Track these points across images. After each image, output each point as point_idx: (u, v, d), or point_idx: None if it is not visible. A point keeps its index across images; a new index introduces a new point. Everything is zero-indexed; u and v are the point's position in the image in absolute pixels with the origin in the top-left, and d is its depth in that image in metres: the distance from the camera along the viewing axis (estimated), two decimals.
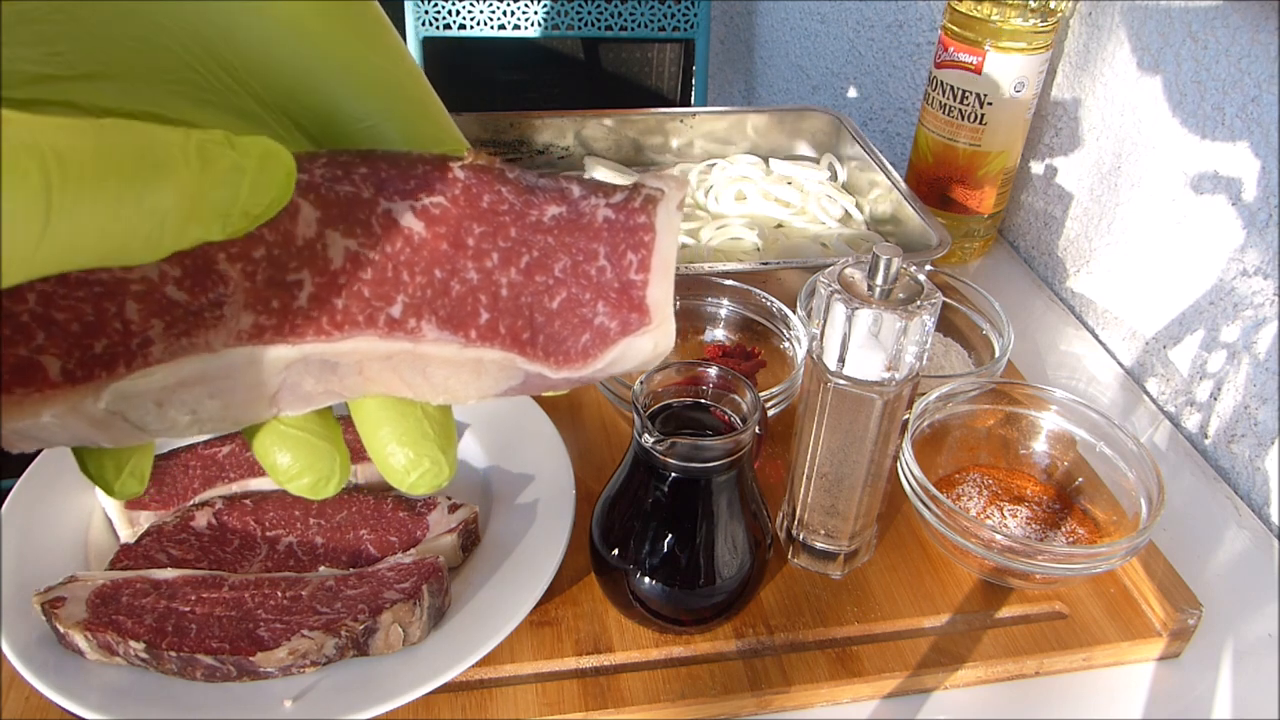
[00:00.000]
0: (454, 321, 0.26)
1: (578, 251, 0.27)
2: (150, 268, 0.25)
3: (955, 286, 0.74)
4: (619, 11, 1.52)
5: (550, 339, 0.27)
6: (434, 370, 0.27)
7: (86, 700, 0.46)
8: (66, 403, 0.25)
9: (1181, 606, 0.56)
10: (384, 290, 0.26)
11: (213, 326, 0.25)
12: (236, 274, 0.25)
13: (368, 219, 0.25)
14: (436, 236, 0.26)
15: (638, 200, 0.27)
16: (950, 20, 0.83)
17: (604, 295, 0.27)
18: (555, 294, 0.27)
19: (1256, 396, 0.69)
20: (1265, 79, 0.67)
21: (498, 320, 0.26)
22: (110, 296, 0.24)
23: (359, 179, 0.25)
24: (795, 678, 0.52)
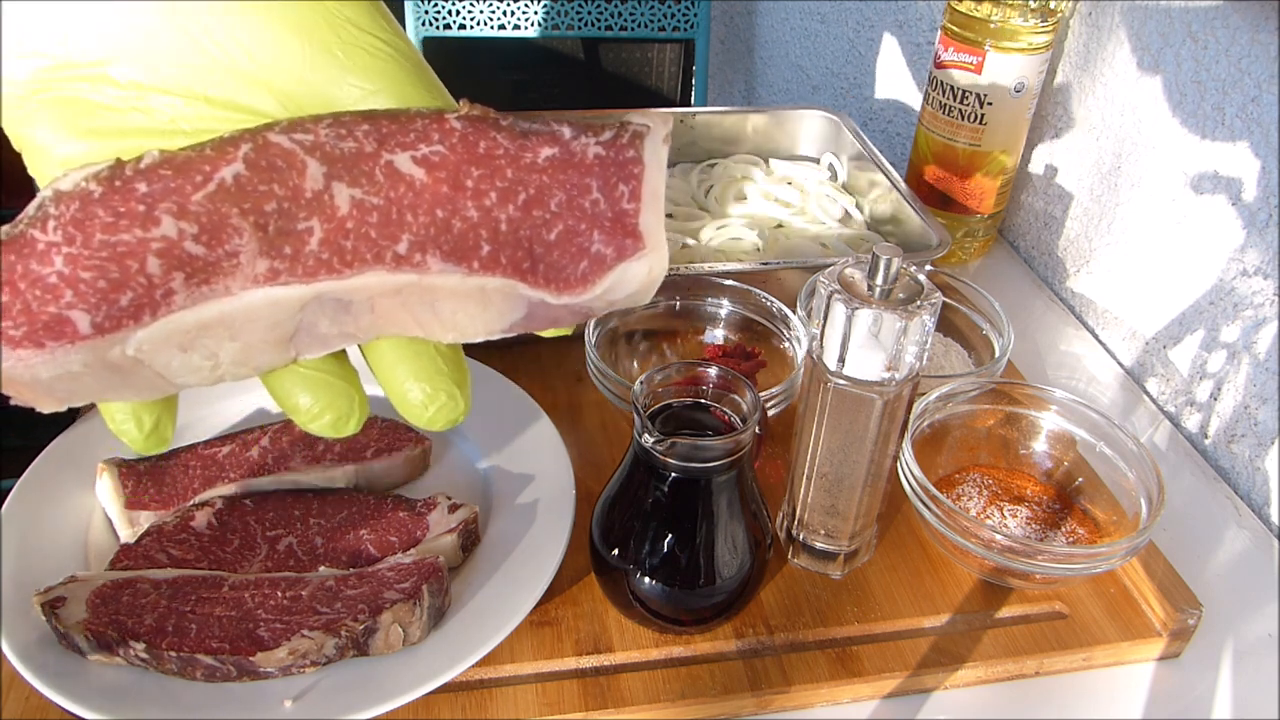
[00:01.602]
0: (457, 254, 0.28)
1: (572, 187, 0.28)
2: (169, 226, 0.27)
3: (955, 286, 0.74)
4: (619, 11, 1.52)
5: (550, 267, 0.28)
6: (442, 304, 0.29)
7: (86, 700, 0.46)
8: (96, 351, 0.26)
9: (1181, 606, 0.56)
10: (389, 231, 0.28)
11: (230, 273, 0.27)
12: (250, 227, 0.27)
13: (371, 170, 0.28)
14: (437, 181, 0.28)
15: (625, 136, 0.29)
16: (950, 20, 0.83)
17: (599, 225, 0.28)
18: (552, 226, 0.28)
19: (1256, 396, 0.69)
20: (1265, 79, 0.67)
21: (498, 251, 0.28)
22: (132, 255, 0.27)
23: (361, 135, 0.27)
24: (795, 678, 0.52)
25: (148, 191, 0.27)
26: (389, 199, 0.28)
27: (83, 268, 0.27)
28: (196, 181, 0.27)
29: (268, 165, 0.27)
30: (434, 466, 0.63)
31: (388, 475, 0.60)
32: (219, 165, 0.27)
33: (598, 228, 0.28)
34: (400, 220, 0.28)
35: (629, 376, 0.65)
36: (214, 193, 0.27)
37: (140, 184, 0.27)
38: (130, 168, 0.27)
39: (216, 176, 0.27)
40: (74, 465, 0.59)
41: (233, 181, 0.27)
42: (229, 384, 0.65)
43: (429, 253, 0.28)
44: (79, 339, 0.26)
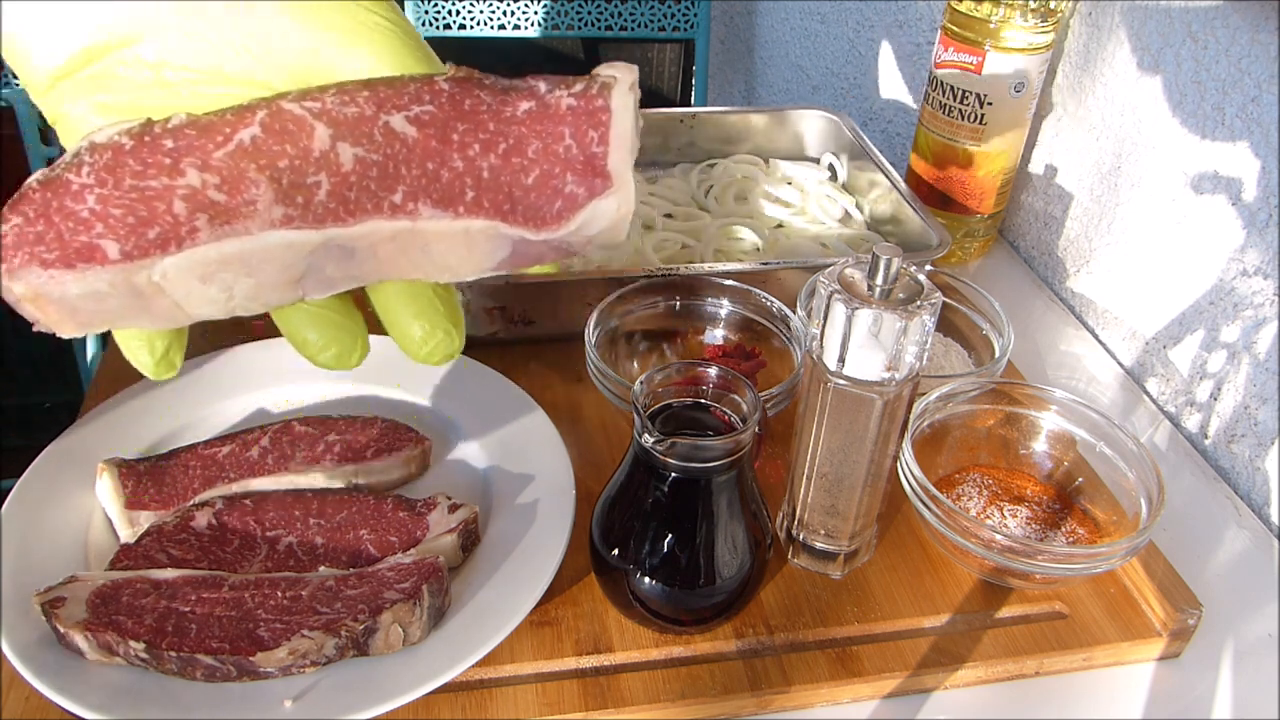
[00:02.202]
0: (445, 201, 0.32)
1: (547, 135, 0.32)
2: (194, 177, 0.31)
3: (955, 286, 0.74)
4: (619, 11, 1.52)
5: (528, 208, 0.32)
6: (433, 247, 0.32)
7: (86, 700, 0.46)
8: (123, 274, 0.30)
9: (1181, 606, 0.56)
10: (387, 183, 0.31)
11: (249, 217, 0.31)
12: (266, 180, 0.31)
13: (371, 130, 0.31)
14: (427, 137, 0.32)
15: (595, 87, 0.33)
16: (950, 20, 0.83)
17: (571, 168, 0.32)
18: (530, 171, 0.32)
19: (1256, 396, 0.69)
20: (1265, 79, 0.67)
21: (481, 196, 0.32)
22: (160, 198, 0.30)
23: (362, 100, 0.31)
24: (795, 678, 0.52)
25: (174, 147, 0.31)
26: (386, 155, 0.32)
27: (113, 206, 0.30)
28: (218, 140, 0.31)
29: (281, 129, 0.31)
30: (434, 466, 0.63)
31: (388, 475, 0.60)
32: (238, 127, 0.31)
33: (570, 170, 0.32)
34: (396, 174, 0.32)
35: (629, 376, 0.65)
36: (234, 151, 0.31)
37: (167, 140, 0.31)
38: (159, 126, 0.31)
39: (236, 137, 0.31)
40: (74, 465, 0.59)
41: (250, 142, 0.31)
42: (230, 385, 0.66)
43: (420, 201, 0.32)
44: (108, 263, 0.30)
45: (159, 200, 0.31)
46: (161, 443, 0.62)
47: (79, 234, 0.30)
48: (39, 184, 0.31)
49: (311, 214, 0.31)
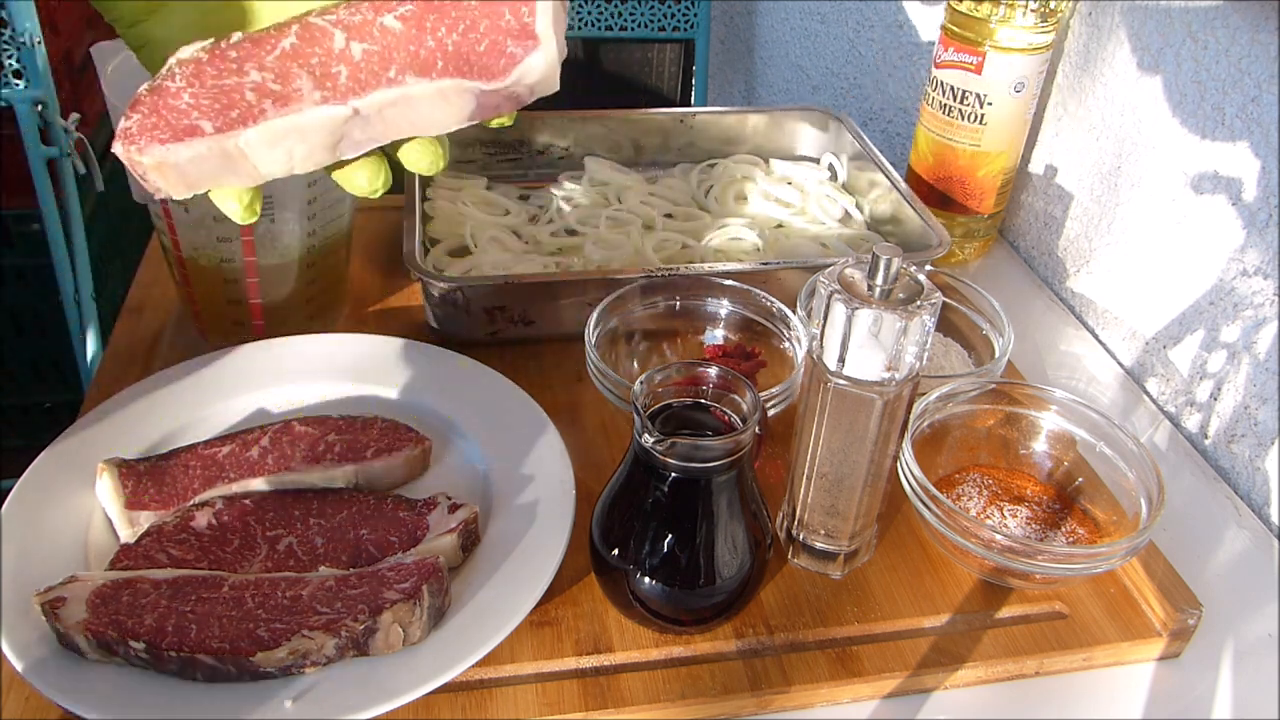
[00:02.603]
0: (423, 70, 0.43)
1: (493, 14, 0.43)
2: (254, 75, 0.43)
3: (955, 286, 0.74)
4: (619, 11, 1.52)
5: (482, 67, 0.43)
6: (420, 106, 0.44)
7: (86, 700, 0.46)
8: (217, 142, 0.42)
9: (1181, 606, 0.56)
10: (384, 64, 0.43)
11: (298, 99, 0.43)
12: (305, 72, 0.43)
13: (370, 30, 0.43)
14: (408, 27, 0.43)
15: None
16: (950, 20, 0.83)
17: (511, 34, 0.43)
18: (482, 41, 0.43)
19: (1256, 396, 0.69)
20: (1265, 79, 0.67)
21: (448, 64, 0.43)
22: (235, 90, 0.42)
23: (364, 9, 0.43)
24: (795, 678, 0.52)
25: (237, 56, 0.43)
26: (383, 45, 0.43)
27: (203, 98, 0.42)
28: (268, 49, 0.43)
29: (310, 36, 0.43)
30: (434, 466, 0.63)
31: (388, 475, 0.60)
32: (280, 39, 0.43)
33: (510, 36, 0.43)
34: (389, 57, 0.43)
35: (629, 376, 0.65)
36: (280, 55, 0.43)
37: (232, 52, 0.43)
38: (224, 43, 0.43)
39: (280, 45, 0.43)
40: (74, 465, 0.59)
41: (290, 48, 0.43)
42: (231, 385, 0.66)
43: (406, 73, 0.43)
44: (205, 135, 0.42)
45: (234, 92, 0.42)
46: (161, 443, 0.62)
47: (182, 119, 0.42)
48: (147, 92, 0.42)
49: (338, 93, 0.43)
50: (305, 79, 0.43)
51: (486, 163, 0.93)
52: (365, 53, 0.43)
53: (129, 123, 0.41)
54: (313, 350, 0.69)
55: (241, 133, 0.42)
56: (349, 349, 0.69)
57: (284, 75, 0.43)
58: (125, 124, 0.42)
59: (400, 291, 0.81)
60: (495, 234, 0.83)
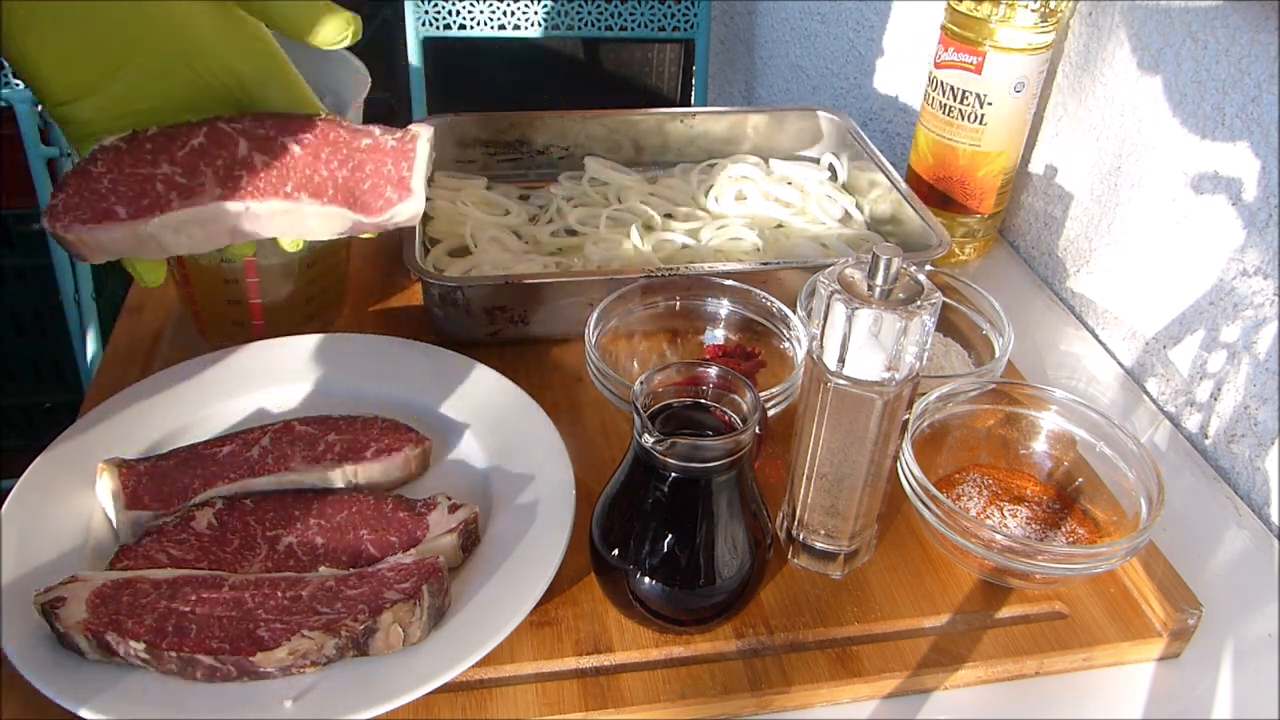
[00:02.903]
0: (316, 194, 0.51)
1: (379, 161, 0.52)
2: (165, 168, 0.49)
3: (955, 286, 0.74)
4: (619, 11, 1.52)
5: (364, 203, 0.51)
6: (306, 219, 0.52)
7: (86, 700, 0.46)
8: (129, 228, 0.48)
9: (1181, 606, 0.56)
10: (283, 178, 0.51)
11: (201, 193, 0.50)
12: (209, 170, 0.50)
13: (273, 145, 0.51)
14: (307, 153, 0.51)
15: (409, 135, 0.53)
16: (950, 20, 0.83)
17: (390, 182, 0.52)
18: (366, 181, 0.52)
19: (1256, 396, 0.69)
20: (1265, 79, 0.67)
21: (337, 193, 0.51)
22: (148, 180, 0.49)
23: (268, 125, 0.51)
24: (795, 678, 0.52)
25: (152, 148, 0.49)
26: (282, 162, 0.51)
27: (120, 185, 0.49)
28: (178, 145, 0.50)
29: (218, 139, 0.50)
30: (434, 466, 0.63)
31: (387, 475, 0.60)
32: (191, 137, 0.50)
33: (390, 184, 0.52)
34: (288, 174, 0.51)
35: (629, 376, 0.65)
36: (189, 151, 0.50)
37: (148, 144, 0.49)
38: (142, 135, 0.49)
39: (190, 143, 0.50)
40: (74, 465, 0.59)
41: (198, 146, 0.50)
42: (230, 385, 0.66)
43: (301, 192, 0.51)
44: (120, 220, 0.48)
45: (147, 181, 0.49)
46: (161, 443, 0.62)
47: (101, 203, 0.48)
48: (72, 173, 0.49)
49: (236, 193, 0.50)
50: (210, 176, 0.50)
51: (486, 163, 0.93)
52: (265, 164, 0.50)
53: (56, 201, 0.48)
54: (313, 350, 0.69)
55: (150, 220, 0.48)
56: (349, 349, 0.69)
57: (191, 171, 0.49)
58: (53, 201, 0.48)
59: (400, 291, 0.81)
60: (495, 234, 0.83)
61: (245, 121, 0.51)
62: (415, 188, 0.51)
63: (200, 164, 0.49)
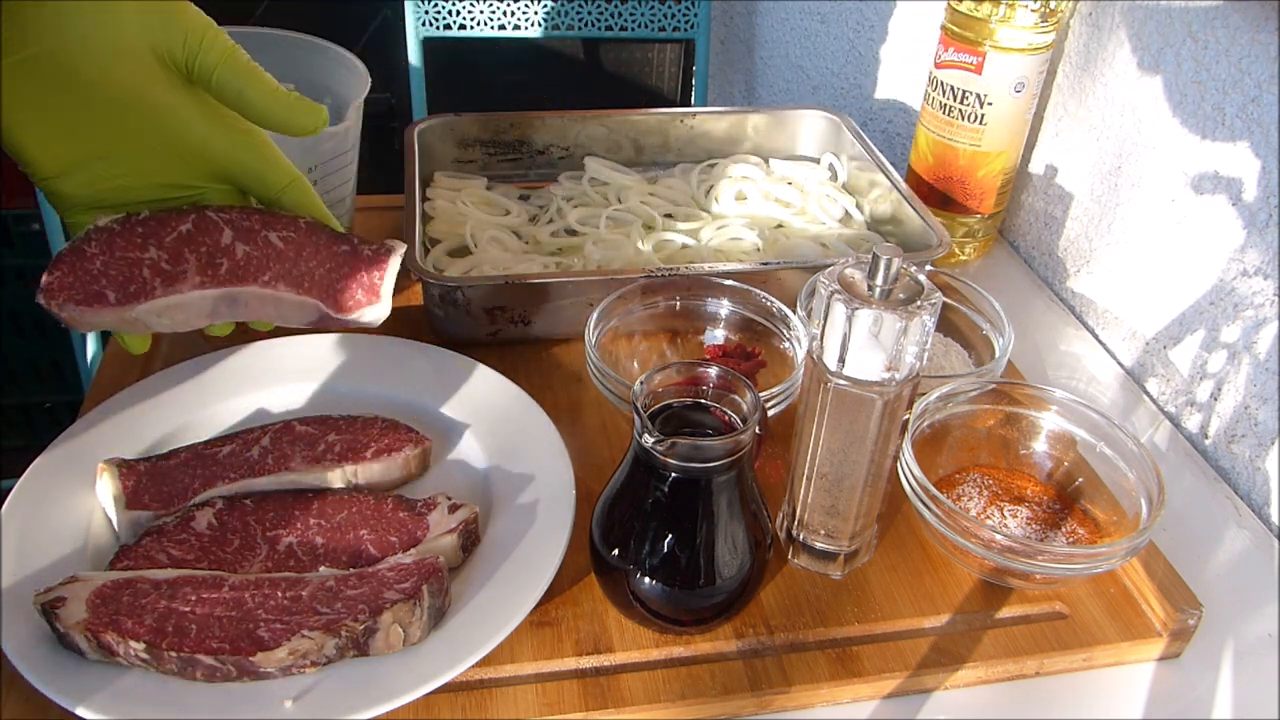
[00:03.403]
0: (294, 285, 0.55)
1: (354, 267, 0.56)
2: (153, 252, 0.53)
3: (955, 286, 0.74)
4: (619, 12, 1.52)
5: (337, 301, 0.56)
6: (283, 306, 0.56)
7: (86, 700, 0.46)
8: (116, 311, 0.53)
9: (1181, 606, 0.56)
10: (263, 268, 0.55)
11: (183, 280, 0.54)
12: (193, 257, 0.54)
13: (256, 237, 0.55)
14: (288, 248, 0.56)
15: (383, 249, 0.58)
16: (950, 20, 0.83)
17: (362, 286, 0.56)
18: (340, 281, 0.56)
19: (1256, 396, 0.69)
20: (1265, 79, 0.67)
21: (314, 287, 0.56)
22: (136, 264, 0.53)
23: (254, 219, 0.55)
24: (795, 678, 0.52)
25: (142, 232, 0.53)
26: (264, 253, 0.55)
27: (110, 268, 0.52)
28: (166, 230, 0.54)
29: (204, 226, 0.54)
30: (434, 466, 0.63)
31: (387, 475, 0.60)
32: (179, 224, 0.54)
33: (362, 288, 0.57)
34: (267, 264, 0.55)
35: (629, 376, 0.65)
36: (176, 238, 0.54)
37: (139, 228, 0.53)
38: (134, 218, 0.53)
39: (178, 229, 0.54)
40: (74, 465, 0.59)
41: (185, 233, 0.54)
42: (230, 385, 0.66)
43: (280, 282, 0.55)
44: (108, 305, 0.52)
45: (135, 266, 0.53)
46: (161, 443, 0.62)
47: (92, 285, 0.52)
48: (68, 251, 0.52)
49: (218, 280, 0.54)
50: (192, 263, 0.53)
51: (486, 163, 0.93)
52: (247, 255, 0.54)
53: (51, 278, 0.51)
54: (313, 350, 0.69)
55: (136, 306, 0.52)
56: (349, 349, 0.69)
57: (176, 257, 0.53)
58: (48, 278, 0.51)
59: (400, 292, 0.81)
60: (495, 234, 0.83)
61: (233, 212, 0.54)
62: (384, 295, 0.56)
63: (185, 250, 0.53)
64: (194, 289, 0.53)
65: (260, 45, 0.72)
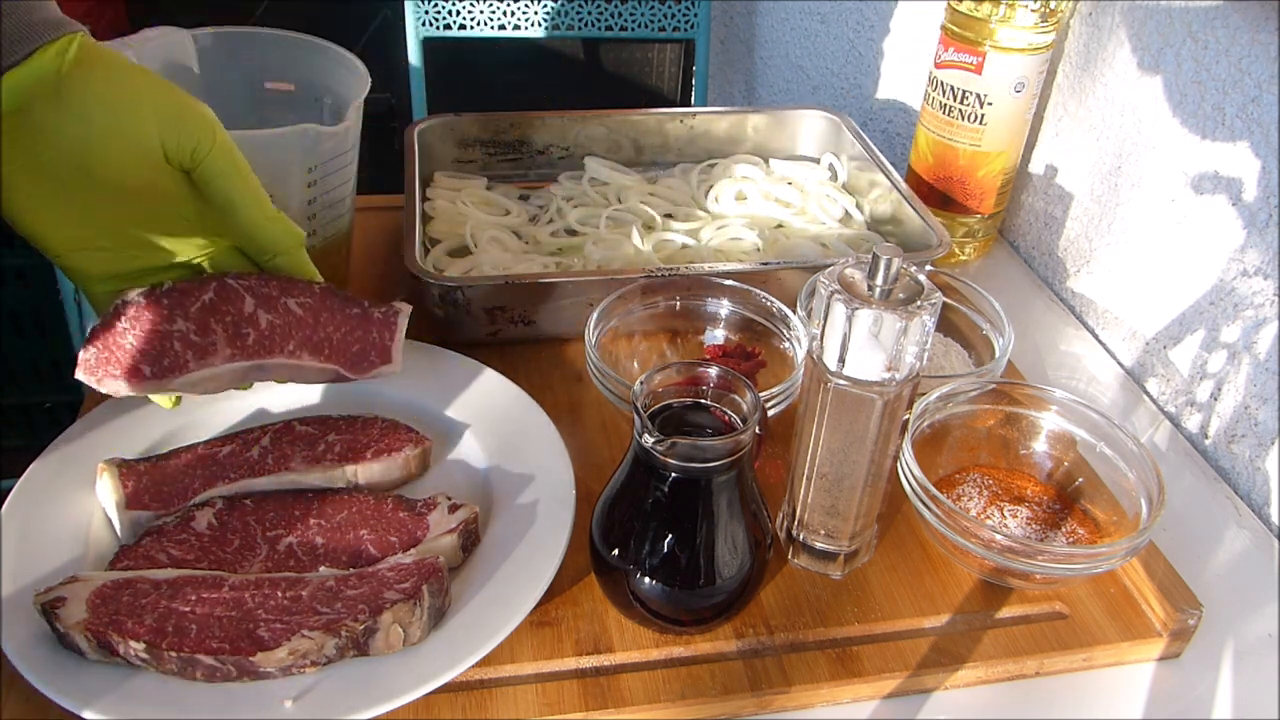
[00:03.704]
0: (314, 352, 0.58)
1: (366, 329, 0.60)
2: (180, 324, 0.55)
3: (955, 286, 0.74)
4: (619, 12, 1.52)
5: (351, 363, 0.60)
6: (305, 370, 0.59)
7: (86, 700, 0.46)
8: (153, 384, 0.55)
9: (1181, 606, 0.56)
10: (285, 337, 0.57)
11: (213, 354, 0.56)
12: (219, 328, 0.56)
13: (276, 305, 0.57)
14: (307, 314, 0.58)
15: (392, 311, 0.61)
16: (950, 20, 0.83)
17: (375, 348, 0.60)
18: (355, 344, 0.60)
19: (1256, 396, 0.69)
20: (1265, 79, 0.67)
21: (332, 353, 0.59)
22: (166, 337, 0.54)
23: (272, 286, 0.57)
24: (795, 678, 0.52)
25: (168, 303, 0.55)
26: (285, 321, 0.57)
27: (142, 342, 0.54)
28: (191, 300, 0.55)
29: (225, 295, 0.56)
30: (434, 466, 0.63)
31: (388, 475, 0.60)
32: (203, 292, 0.56)
33: (374, 349, 0.60)
34: (290, 333, 0.58)
35: (629, 376, 0.65)
36: (200, 308, 0.55)
37: (164, 299, 0.55)
38: (158, 290, 0.55)
39: (201, 298, 0.56)
40: (74, 465, 0.59)
41: (209, 302, 0.56)
42: None
43: (303, 350, 0.58)
44: (145, 379, 0.54)
45: (166, 339, 0.54)
46: (161, 443, 0.62)
47: (128, 359, 0.54)
48: (101, 326, 0.54)
49: (245, 352, 0.56)
50: (220, 334, 0.55)
51: (486, 163, 0.93)
52: (269, 323, 0.57)
53: (88, 354, 0.54)
54: None
55: (171, 380, 0.55)
56: None
57: (203, 328, 0.55)
58: (85, 355, 0.54)
59: (400, 292, 0.81)
60: (495, 234, 0.83)
61: (251, 280, 0.56)
62: (395, 357, 0.60)
63: (211, 320, 0.55)
64: (225, 361, 0.55)
65: (260, 45, 0.72)
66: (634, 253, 0.80)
